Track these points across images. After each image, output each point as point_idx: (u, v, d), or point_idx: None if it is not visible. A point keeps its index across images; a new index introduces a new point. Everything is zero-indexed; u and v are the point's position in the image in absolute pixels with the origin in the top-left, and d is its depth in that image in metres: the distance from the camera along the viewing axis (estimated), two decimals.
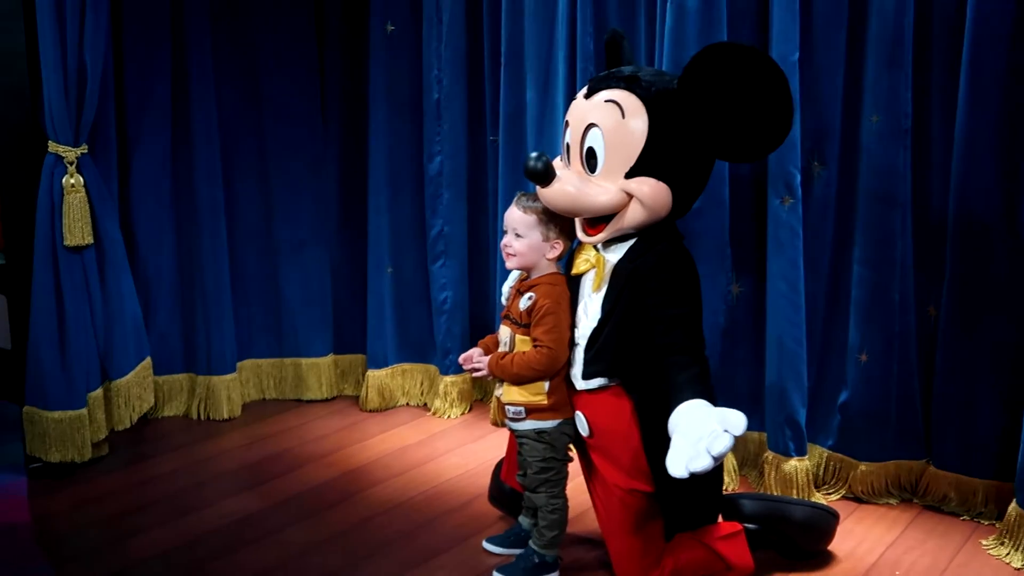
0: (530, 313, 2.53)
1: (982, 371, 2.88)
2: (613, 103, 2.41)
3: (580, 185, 2.42)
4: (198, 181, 3.69)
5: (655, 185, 2.39)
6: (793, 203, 2.90)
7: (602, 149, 2.41)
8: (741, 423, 2.09)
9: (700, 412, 2.18)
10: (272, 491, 3.20)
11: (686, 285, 2.44)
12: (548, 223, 2.55)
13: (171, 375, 3.82)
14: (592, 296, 2.50)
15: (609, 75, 2.48)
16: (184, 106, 3.64)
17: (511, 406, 2.60)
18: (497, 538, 2.82)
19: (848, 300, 3.02)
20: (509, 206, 3.45)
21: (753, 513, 2.69)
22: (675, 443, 2.15)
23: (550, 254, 2.59)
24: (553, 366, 2.52)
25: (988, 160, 2.75)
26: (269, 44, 3.77)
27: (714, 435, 2.07)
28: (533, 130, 3.46)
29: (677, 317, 2.38)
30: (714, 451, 2.05)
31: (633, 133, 2.39)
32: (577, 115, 2.49)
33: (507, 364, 2.55)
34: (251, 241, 3.91)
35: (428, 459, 3.45)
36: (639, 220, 2.41)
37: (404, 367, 3.97)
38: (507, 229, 2.62)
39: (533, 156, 2.40)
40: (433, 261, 3.79)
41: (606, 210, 2.42)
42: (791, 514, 2.71)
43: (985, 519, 2.93)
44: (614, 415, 2.48)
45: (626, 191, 2.40)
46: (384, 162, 3.78)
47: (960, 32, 2.75)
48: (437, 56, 3.65)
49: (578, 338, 2.53)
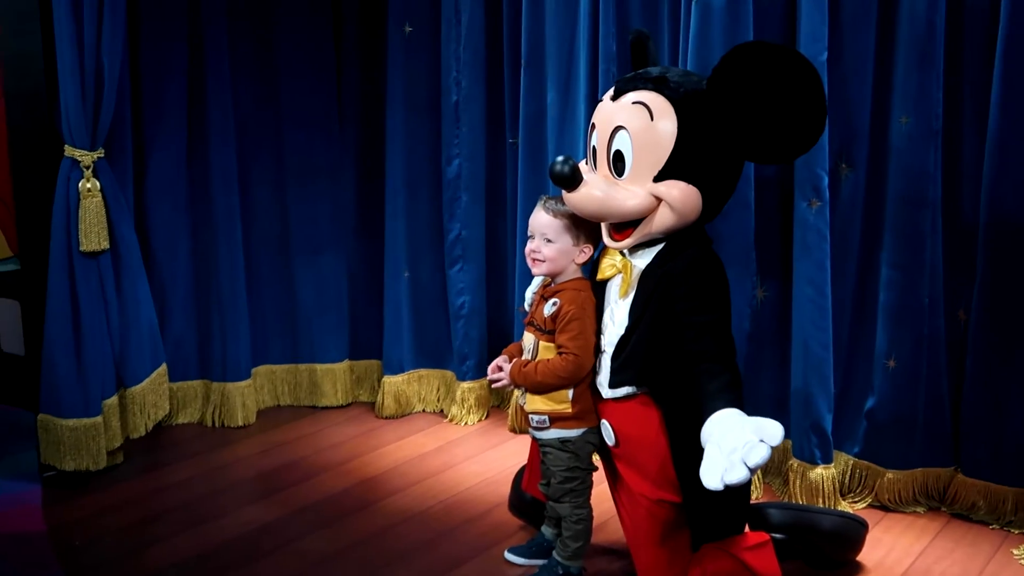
0: (555, 319, 2.48)
1: (1013, 377, 2.82)
2: (641, 105, 2.35)
3: (608, 189, 2.37)
4: (214, 185, 3.65)
5: (685, 188, 2.33)
6: (820, 206, 2.85)
7: (630, 152, 2.35)
8: (778, 433, 2.02)
9: (734, 422, 2.11)
10: (289, 500, 3.15)
11: (716, 291, 2.38)
12: (577, 227, 2.50)
13: (185, 382, 3.78)
14: (619, 302, 2.44)
15: (636, 76, 2.43)
16: (200, 110, 3.61)
17: (535, 415, 2.54)
18: (519, 548, 2.77)
19: (875, 304, 2.96)
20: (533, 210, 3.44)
21: (781, 523, 2.63)
22: (709, 454, 2.08)
23: (579, 259, 2.54)
24: (578, 373, 2.47)
25: (1021, 161, 2.70)
26: (286, 46, 3.73)
27: (749, 446, 2.00)
28: (554, 132, 3.41)
29: (707, 324, 2.32)
30: (751, 462, 1.98)
31: (662, 135, 2.32)
32: (604, 117, 2.43)
33: (530, 372, 2.50)
34: (267, 246, 3.86)
35: (446, 467, 3.40)
36: (668, 224, 2.35)
37: (420, 373, 3.92)
38: (533, 234, 2.56)
39: (560, 160, 2.34)
40: (451, 265, 3.74)
41: (635, 215, 2.36)
42: (820, 524, 2.65)
43: (1015, 528, 2.87)
44: (642, 424, 2.43)
45: (655, 195, 2.34)
46: (401, 165, 3.74)
47: (994, 30, 2.69)
48: (456, 58, 3.60)
49: (604, 345, 2.48)
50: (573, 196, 2.39)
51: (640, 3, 3.19)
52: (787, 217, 2.96)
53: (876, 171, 2.91)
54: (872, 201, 2.94)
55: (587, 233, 2.53)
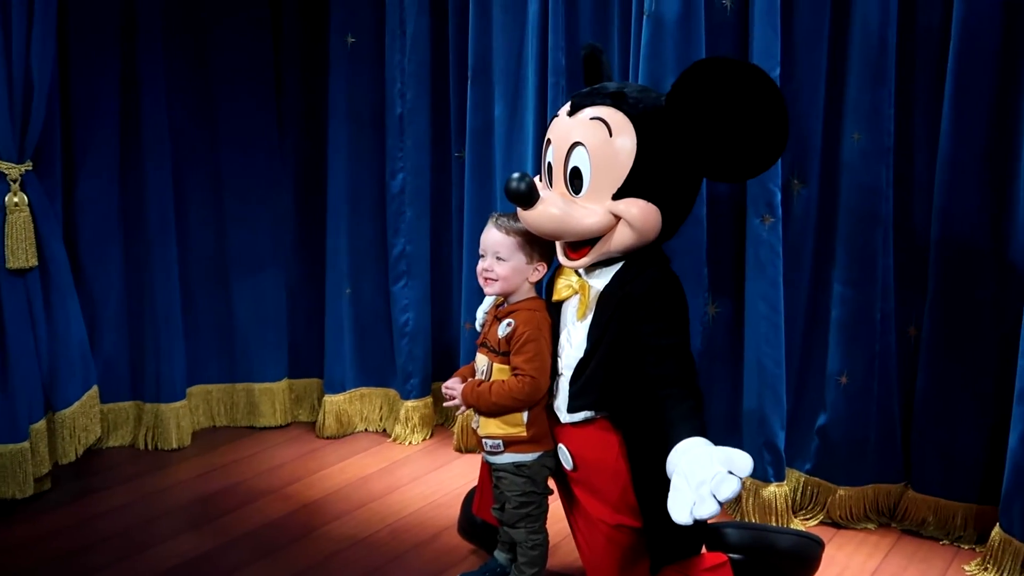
0: (509, 341, 2.41)
1: (963, 393, 2.83)
2: (599, 120, 2.29)
3: (565, 207, 2.30)
4: (148, 200, 3.52)
5: (644, 206, 2.28)
6: (773, 222, 2.83)
7: (588, 169, 2.30)
8: (747, 465, 1.97)
9: (701, 452, 2.05)
10: (228, 527, 3.03)
11: (677, 313, 2.33)
12: (531, 245, 2.43)
13: (117, 403, 3.62)
14: (576, 324, 2.38)
15: (593, 91, 2.38)
16: (134, 121, 3.47)
17: (488, 439, 2.47)
18: (472, 574, 2.69)
19: (827, 320, 2.96)
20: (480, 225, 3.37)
21: (738, 543, 2.61)
22: (676, 485, 2.02)
23: (532, 277, 2.47)
24: (534, 396, 2.40)
25: (972, 179, 2.72)
26: (223, 57, 3.62)
27: (719, 478, 1.94)
28: (501, 146, 3.36)
29: (669, 347, 2.27)
30: (721, 496, 1.93)
31: (621, 152, 2.27)
32: (560, 133, 2.37)
33: (484, 392, 2.43)
34: (203, 262, 3.74)
35: (391, 489, 3.31)
36: (627, 243, 2.30)
37: (363, 391, 3.83)
38: (485, 252, 2.48)
39: (516, 177, 2.27)
40: (395, 281, 3.66)
41: (592, 233, 2.30)
42: (777, 543, 2.63)
43: (965, 543, 2.88)
44: (600, 449, 2.37)
45: (614, 213, 2.28)
46: (344, 179, 3.65)
47: (945, 48, 2.71)
48: (400, 69, 3.53)
49: (562, 368, 2.42)
50: (529, 214, 2.32)
51: (590, 16, 3.16)
52: (740, 233, 2.94)
53: (828, 187, 2.91)
54: (824, 217, 2.94)
55: (541, 251, 2.46)
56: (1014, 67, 2.65)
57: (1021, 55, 2.63)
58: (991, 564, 2.69)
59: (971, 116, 2.69)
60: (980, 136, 2.70)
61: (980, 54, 2.66)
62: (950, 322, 2.81)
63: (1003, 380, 2.76)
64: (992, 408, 2.80)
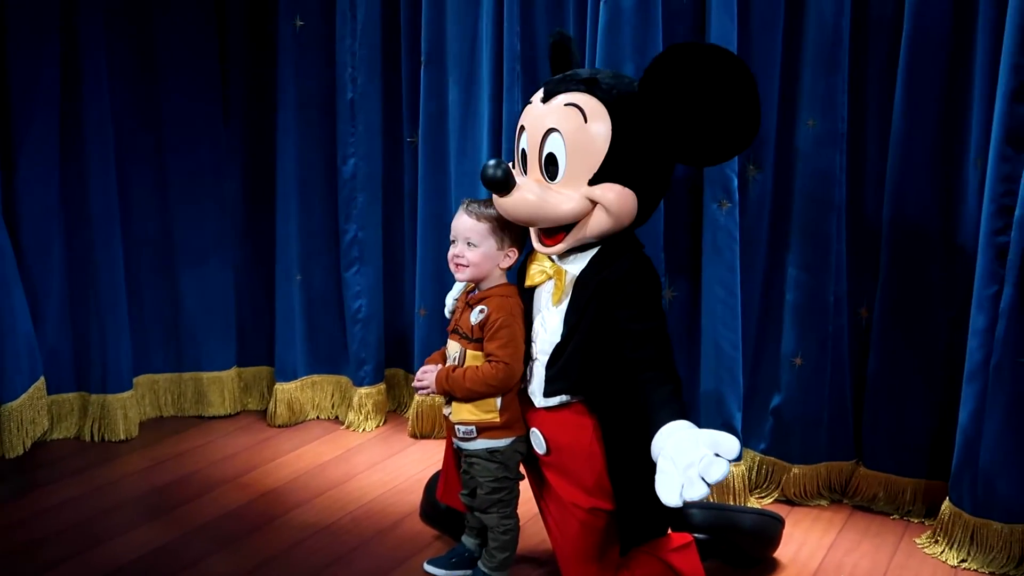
0: (483, 327, 2.42)
1: (913, 372, 2.92)
2: (574, 106, 2.30)
3: (541, 193, 2.31)
4: (90, 187, 3.42)
5: (621, 191, 2.30)
6: (730, 207, 2.88)
7: (563, 155, 2.31)
8: (734, 447, 1.99)
9: (687, 435, 2.08)
10: (185, 517, 2.97)
11: (653, 297, 2.36)
12: (502, 231, 2.44)
13: (61, 394, 3.54)
14: (551, 309, 2.40)
15: (566, 78, 2.38)
16: (74, 105, 3.36)
17: (461, 425, 2.47)
18: (439, 560, 2.69)
19: (782, 303, 3.02)
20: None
21: (702, 523, 2.66)
22: (663, 468, 2.05)
23: (503, 263, 2.47)
24: (509, 382, 2.41)
25: (923, 164, 2.80)
26: (166, 41, 3.53)
27: (707, 461, 1.97)
28: (456, 132, 3.35)
29: (647, 331, 2.29)
30: (710, 478, 1.95)
31: (596, 138, 2.28)
32: (534, 120, 2.37)
33: (458, 378, 2.43)
34: (147, 249, 3.66)
35: (349, 476, 3.29)
36: (604, 228, 2.32)
37: (314, 379, 3.79)
38: (456, 238, 2.48)
39: (491, 164, 2.27)
40: (347, 268, 3.63)
41: (568, 219, 2.32)
42: (740, 522, 2.69)
43: (914, 517, 2.98)
44: (575, 432, 2.39)
45: (590, 198, 2.30)
46: (293, 164, 3.60)
47: (897, 37, 2.78)
48: (351, 53, 3.48)
49: (536, 353, 2.43)
50: (505, 201, 2.32)
51: (545, 1, 3.16)
52: (696, 218, 2.98)
53: (783, 173, 2.96)
54: (779, 202, 2.99)
55: (512, 237, 2.47)
56: (963, 56, 2.72)
57: (969, 45, 2.70)
58: (941, 537, 2.78)
59: (922, 104, 2.76)
60: (930, 123, 2.78)
61: (930, 43, 2.73)
62: (901, 304, 2.89)
63: (951, 360, 2.85)
64: (940, 387, 2.90)
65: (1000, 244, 2.56)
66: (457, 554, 2.68)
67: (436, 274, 3.47)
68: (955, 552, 2.74)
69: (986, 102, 2.65)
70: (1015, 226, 2.52)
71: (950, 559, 2.73)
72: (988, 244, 2.59)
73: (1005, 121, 2.52)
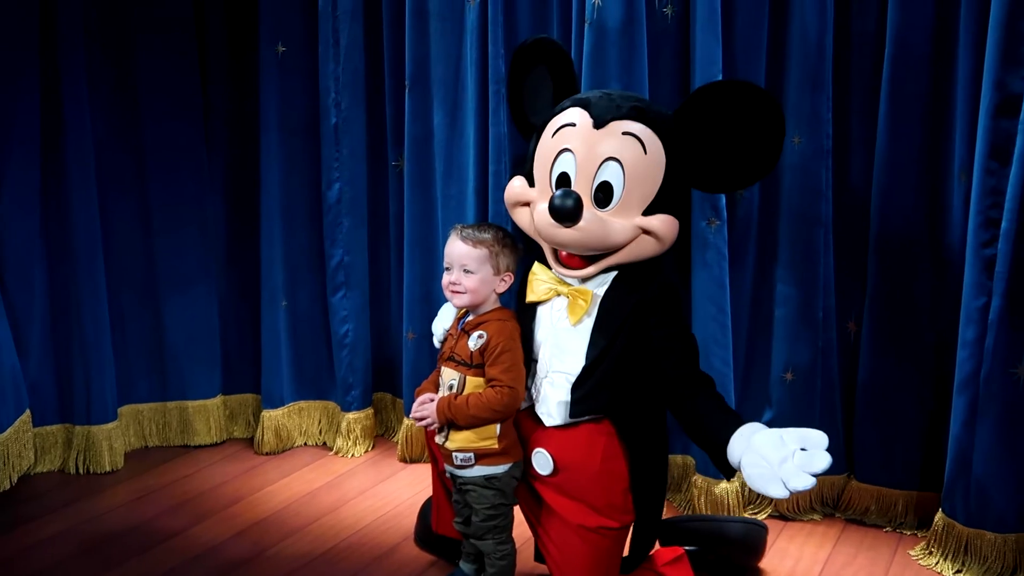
0: (483, 353, 2.40)
1: (902, 385, 2.94)
2: (632, 136, 2.33)
3: (604, 223, 2.32)
4: (72, 216, 3.37)
5: (669, 220, 2.35)
6: (719, 224, 2.90)
7: (620, 184, 2.32)
8: (823, 439, 2.08)
9: (770, 434, 2.15)
10: (174, 550, 2.93)
11: (683, 315, 2.45)
12: (498, 256, 2.43)
13: (45, 427, 3.48)
14: (569, 329, 2.40)
15: (612, 102, 2.38)
16: (55, 132, 3.32)
17: (459, 453, 2.44)
18: None
19: (771, 319, 3.04)
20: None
21: (691, 535, 2.69)
22: (756, 465, 2.10)
23: (499, 288, 2.47)
24: (513, 406, 2.40)
25: (908, 179, 2.83)
26: (147, 69, 3.50)
27: (806, 456, 2.05)
28: (441, 155, 3.34)
29: (687, 348, 2.36)
30: (816, 469, 2.03)
31: (654, 170, 2.33)
32: (587, 145, 2.35)
33: (462, 406, 2.39)
34: (130, 277, 3.62)
35: (340, 503, 3.26)
36: (650, 255, 2.37)
37: (301, 405, 3.76)
38: (451, 265, 2.46)
39: (560, 194, 2.28)
40: (333, 292, 3.61)
41: (619, 247, 2.35)
42: (728, 532, 2.73)
43: (907, 529, 3.00)
44: (586, 451, 2.39)
45: (644, 228, 2.34)
46: (277, 190, 3.58)
47: (880, 54, 2.81)
48: (334, 78, 3.47)
49: (546, 372, 2.43)
50: (571, 232, 2.32)
51: (529, 24, 3.16)
52: (685, 236, 2.98)
53: (771, 190, 2.98)
54: (767, 219, 3.01)
55: (508, 262, 2.46)
56: (945, 72, 2.76)
57: (951, 60, 2.74)
58: (935, 548, 2.80)
59: (906, 119, 2.80)
60: (915, 138, 2.81)
61: (913, 59, 2.76)
62: (889, 317, 2.91)
63: (940, 372, 2.88)
64: (930, 399, 2.92)
65: (987, 256, 2.59)
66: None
67: (423, 297, 3.46)
68: (950, 563, 2.76)
69: (969, 116, 2.69)
70: (1002, 238, 2.55)
71: (945, 570, 2.75)
72: (975, 256, 2.62)
73: (989, 136, 2.56)
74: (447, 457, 2.49)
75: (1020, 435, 2.63)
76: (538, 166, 2.45)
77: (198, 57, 3.58)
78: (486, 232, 2.43)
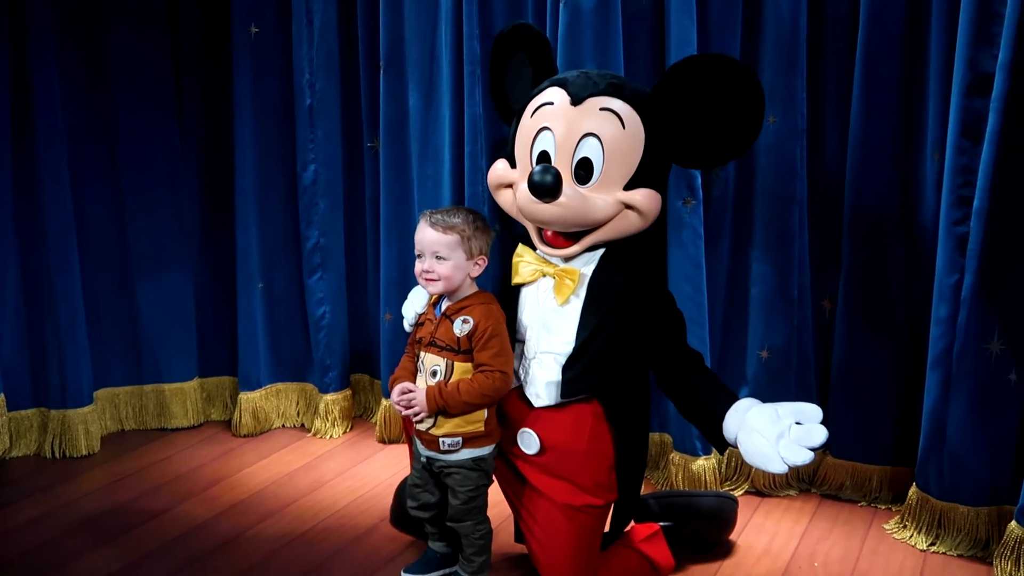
0: (471, 338, 2.38)
1: (876, 362, 2.97)
2: (611, 112, 2.33)
3: (585, 199, 2.32)
4: (44, 197, 3.34)
5: (651, 195, 2.36)
6: (695, 204, 2.91)
7: (600, 160, 2.33)
8: (818, 412, 2.12)
9: (765, 410, 2.16)
10: (152, 534, 2.92)
11: (669, 292, 2.46)
12: (470, 240, 2.41)
13: (19, 411, 3.47)
14: (556, 310, 2.40)
15: (588, 78, 2.39)
16: (26, 117, 3.29)
17: (447, 438, 2.42)
18: (414, 566, 2.65)
19: (747, 298, 3.06)
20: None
21: (665, 511, 2.72)
22: (753, 441, 2.12)
23: (474, 272, 2.44)
24: (504, 390, 2.39)
25: (882, 158, 2.84)
26: (119, 52, 3.46)
27: (804, 430, 2.08)
28: (417, 136, 3.33)
29: (676, 325, 2.37)
30: (814, 442, 2.07)
31: (633, 144, 2.34)
32: (566, 122, 2.36)
33: (453, 393, 2.36)
34: (104, 260, 3.59)
35: (318, 485, 3.26)
36: (632, 231, 2.38)
37: (279, 387, 3.76)
38: (423, 253, 2.42)
39: (539, 169, 2.27)
40: (309, 275, 3.60)
41: (601, 223, 2.35)
42: (700, 506, 2.76)
43: (881, 503, 3.04)
44: (573, 430, 2.40)
45: (625, 203, 2.34)
46: (252, 172, 3.55)
47: (854, 33, 2.82)
48: (308, 60, 3.44)
49: (534, 353, 2.43)
50: (550, 207, 2.31)
51: (504, 4, 3.16)
52: (661, 216, 2.99)
53: (746, 169, 3.00)
54: (742, 198, 3.02)
55: (480, 245, 2.44)
56: (918, 51, 2.77)
57: (924, 40, 2.75)
58: (909, 521, 2.84)
59: (879, 98, 2.81)
60: (888, 117, 2.82)
61: (886, 39, 2.78)
62: (863, 295, 2.94)
63: (913, 349, 2.91)
64: (904, 376, 2.95)
65: (960, 234, 2.62)
66: (429, 558, 2.65)
67: (400, 279, 3.46)
68: (923, 536, 2.80)
69: (941, 96, 2.71)
70: (974, 216, 2.57)
71: (919, 543, 2.79)
72: (948, 234, 2.64)
73: (961, 115, 2.58)
74: (430, 443, 2.46)
75: (992, 410, 2.67)
76: (519, 147, 2.46)
77: (170, 40, 3.55)
78: (456, 216, 2.41)
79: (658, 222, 2.98)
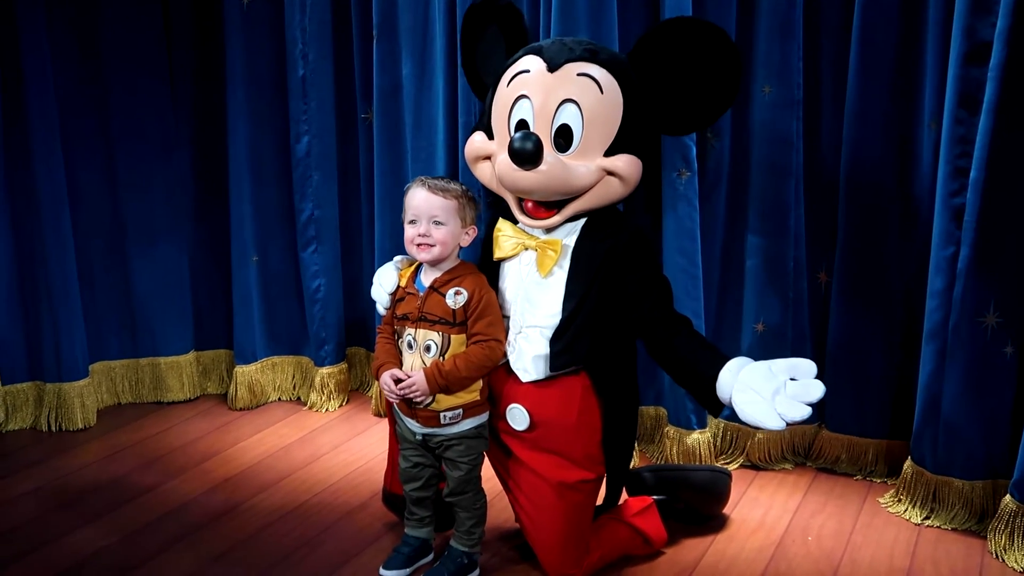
0: (466, 309, 2.35)
1: (872, 335, 2.95)
2: (588, 77, 2.30)
3: (566, 165, 2.29)
4: (36, 170, 3.33)
5: (634, 161, 2.33)
6: (689, 176, 2.88)
7: (579, 126, 2.30)
8: (812, 367, 2.11)
9: (758, 367, 2.15)
10: (148, 507, 2.93)
11: (656, 259, 2.45)
12: (466, 207, 2.38)
13: (15, 384, 3.48)
14: (541, 282, 2.37)
15: (563, 45, 2.36)
16: (16, 88, 3.27)
17: (449, 411, 2.38)
18: (393, 560, 2.53)
19: (742, 271, 3.04)
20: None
21: (658, 484, 2.71)
22: (748, 400, 2.11)
23: (464, 242, 2.42)
24: (499, 359, 2.37)
25: (878, 129, 2.81)
26: (111, 23, 3.44)
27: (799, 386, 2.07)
28: (410, 106, 3.30)
29: (662, 290, 2.35)
30: (812, 398, 2.06)
31: (612, 109, 2.30)
32: (543, 89, 2.32)
33: (454, 370, 2.32)
34: (98, 233, 3.58)
35: (313, 458, 3.26)
36: (615, 198, 2.35)
37: (274, 360, 3.75)
38: (419, 217, 2.37)
39: (519, 136, 2.23)
40: (304, 247, 3.58)
41: (583, 190, 2.32)
42: (693, 479, 2.74)
43: (876, 477, 3.03)
44: (562, 404, 2.38)
45: (606, 169, 2.31)
46: (245, 144, 3.53)
47: (850, 3, 2.78)
48: (301, 29, 3.41)
49: (520, 327, 2.40)
50: (532, 174, 2.27)
51: None
52: (655, 187, 2.97)
53: (741, 140, 2.97)
54: (737, 170, 3.00)
55: (472, 215, 2.42)
56: (915, 20, 2.73)
57: (922, 8, 2.71)
58: (904, 495, 2.83)
59: (876, 68, 2.77)
60: (885, 88, 2.78)
61: (883, 7, 2.73)
62: (859, 267, 2.91)
63: (909, 322, 2.89)
64: (899, 349, 2.93)
65: (956, 206, 2.59)
66: (410, 548, 2.56)
67: (395, 251, 3.39)
68: (918, 510, 2.79)
69: (938, 66, 2.67)
70: (970, 187, 2.54)
71: (914, 517, 2.78)
72: (944, 206, 2.61)
73: (958, 84, 2.54)
74: (428, 420, 2.41)
75: (987, 383, 2.65)
76: (496, 117, 2.43)
77: (162, 9, 3.52)
78: (452, 183, 2.39)
79: (652, 193, 2.98)
